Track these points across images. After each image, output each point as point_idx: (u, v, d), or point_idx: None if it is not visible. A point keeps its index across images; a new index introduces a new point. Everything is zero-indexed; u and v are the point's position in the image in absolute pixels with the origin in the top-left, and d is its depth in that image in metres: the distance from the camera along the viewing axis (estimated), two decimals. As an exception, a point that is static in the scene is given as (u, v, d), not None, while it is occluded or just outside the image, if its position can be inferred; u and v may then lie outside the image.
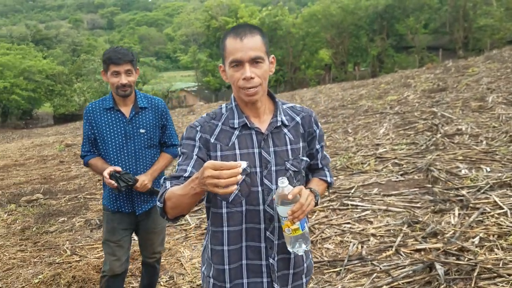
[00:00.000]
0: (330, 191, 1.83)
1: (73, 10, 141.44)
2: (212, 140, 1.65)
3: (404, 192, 5.17)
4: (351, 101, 15.64)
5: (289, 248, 1.58)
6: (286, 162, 1.67)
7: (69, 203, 6.87)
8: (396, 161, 6.68)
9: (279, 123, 1.68)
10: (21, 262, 4.47)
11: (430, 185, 5.18)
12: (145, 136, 2.74)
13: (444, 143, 7.05)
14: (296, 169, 1.69)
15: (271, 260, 1.67)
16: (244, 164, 1.35)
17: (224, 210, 1.65)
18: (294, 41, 45.24)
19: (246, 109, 1.69)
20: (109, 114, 2.72)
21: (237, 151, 1.63)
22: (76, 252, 4.65)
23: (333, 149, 8.31)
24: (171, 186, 1.53)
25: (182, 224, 5.08)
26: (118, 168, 2.63)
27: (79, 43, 79.41)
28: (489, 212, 4.18)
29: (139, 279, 3.42)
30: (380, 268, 3.40)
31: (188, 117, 20.34)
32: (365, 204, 4.91)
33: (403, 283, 3.15)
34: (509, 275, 3.04)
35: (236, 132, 1.66)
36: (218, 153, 1.64)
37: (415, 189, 5.21)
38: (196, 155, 1.62)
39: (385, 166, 6.48)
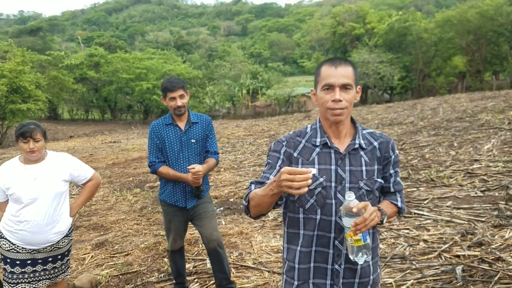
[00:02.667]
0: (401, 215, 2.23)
1: (212, 17, 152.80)
2: (295, 154, 1.86)
3: (475, 207, 5.33)
4: (471, 114, 15.01)
5: (350, 256, 1.73)
6: (359, 181, 1.82)
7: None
8: (485, 177, 6.69)
9: (356, 146, 1.84)
10: (135, 232, 5.70)
11: (503, 202, 5.26)
12: (195, 145, 3.42)
13: (544, 162, 6.81)
14: (369, 189, 1.83)
15: (336, 266, 1.82)
16: (314, 170, 1.55)
17: (301, 216, 1.85)
18: (425, 47, 43.32)
19: (329, 130, 1.87)
20: (168, 128, 3.41)
21: (316, 166, 1.82)
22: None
23: (429, 162, 8.41)
24: (255, 189, 1.80)
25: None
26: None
27: (215, 49, 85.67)
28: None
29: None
30: (415, 267, 3.82)
31: (303, 122, 21.09)
32: (431, 214, 5.20)
33: (430, 279, 3.56)
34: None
35: (317, 150, 1.84)
36: (299, 166, 1.81)
37: (488, 205, 5.33)
38: (279, 166, 1.84)
39: (471, 182, 6.55)
